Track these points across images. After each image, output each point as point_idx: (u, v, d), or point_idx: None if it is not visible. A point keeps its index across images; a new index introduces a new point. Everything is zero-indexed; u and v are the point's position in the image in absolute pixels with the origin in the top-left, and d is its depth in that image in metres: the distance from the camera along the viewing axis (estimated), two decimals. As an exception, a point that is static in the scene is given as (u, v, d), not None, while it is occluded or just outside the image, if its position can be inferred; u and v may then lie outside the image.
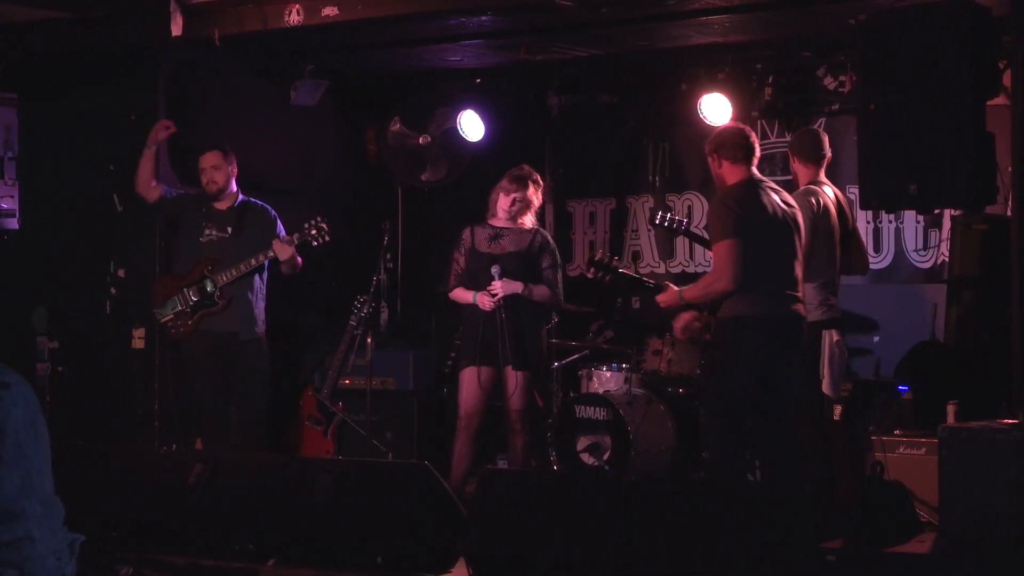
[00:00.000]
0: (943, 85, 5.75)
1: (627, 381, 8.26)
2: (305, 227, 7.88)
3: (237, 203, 8.03)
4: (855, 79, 7.47)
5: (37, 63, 8.74)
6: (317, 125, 9.39)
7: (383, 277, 8.66)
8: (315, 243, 7.89)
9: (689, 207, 9.34)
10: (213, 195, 7.98)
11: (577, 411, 8.06)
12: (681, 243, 9.31)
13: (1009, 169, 6.55)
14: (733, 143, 6.42)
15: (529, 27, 8.02)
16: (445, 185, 9.33)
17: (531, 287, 7.28)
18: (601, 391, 8.22)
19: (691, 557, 5.52)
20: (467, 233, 7.44)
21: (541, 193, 7.55)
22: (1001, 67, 6.54)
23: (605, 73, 9.35)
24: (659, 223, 7.25)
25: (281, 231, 7.98)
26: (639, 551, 5.62)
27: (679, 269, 9.33)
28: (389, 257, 9.17)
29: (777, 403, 6.43)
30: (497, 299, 7.18)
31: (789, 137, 8.42)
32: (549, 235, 7.73)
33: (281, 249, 7.82)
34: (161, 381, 8.55)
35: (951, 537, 5.30)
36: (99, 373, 8.78)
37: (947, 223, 8.24)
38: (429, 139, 9.16)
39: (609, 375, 8.38)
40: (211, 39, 7.78)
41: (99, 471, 6.82)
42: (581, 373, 8.57)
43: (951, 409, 6.61)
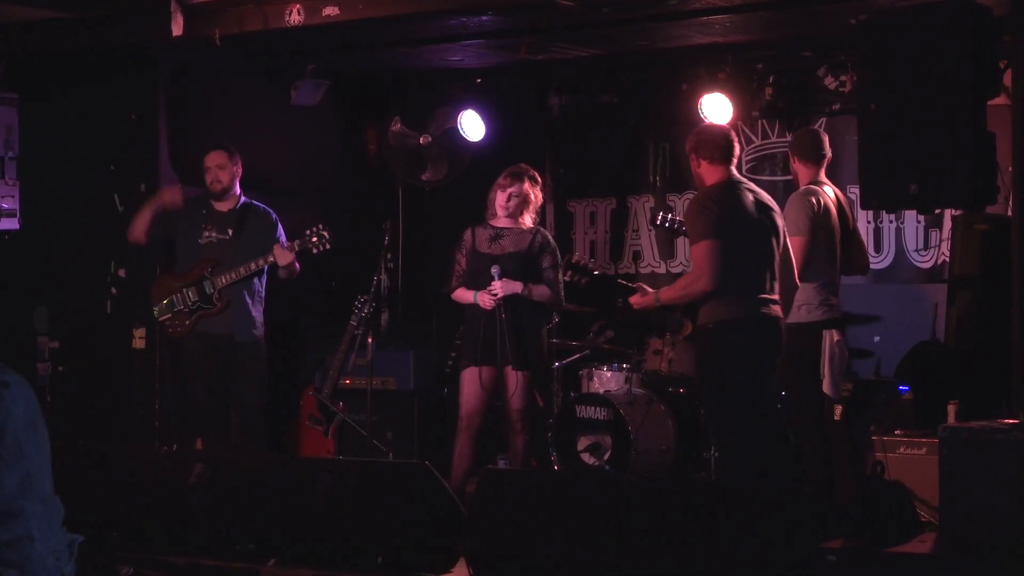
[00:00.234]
0: (944, 85, 5.74)
1: (628, 381, 8.27)
2: (306, 234, 7.86)
3: (239, 205, 8.02)
4: (856, 79, 7.47)
5: (38, 63, 8.74)
6: (318, 125, 9.39)
7: (384, 277, 8.67)
8: (315, 251, 7.88)
9: (690, 207, 9.33)
10: (216, 194, 7.97)
11: (578, 411, 8.06)
12: (682, 243, 9.29)
13: (1009, 169, 6.55)
14: (711, 143, 6.36)
15: (530, 27, 8.02)
16: (446, 185, 9.32)
17: (531, 287, 7.28)
18: (602, 391, 8.23)
19: (691, 557, 5.52)
20: (468, 234, 7.45)
21: (540, 190, 7.55)
22: (1002, 67, 6.54)
23: (606, 73, 9.35)
24: (660, 223, 7.25)
25: (282, 235, 7.97)
26: (640, 551, 5.62)
27: (680, 269, 9.32)
28: (390, 257, 9.17)
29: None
30: (497, 298, 7.18)
31: (790, 137, 8.42)
32: (550, 235, 7.74)
33: (281, 255, 7.80)
34: (161, 381, 8.56)
35: (952, 537, 5.30)
36: (100, 373, 8.78)
37: (948, 223, 8.24)
38: (430, 139, 9.16)
39: (610, 375, 8.39)
40: (212, 39, 7.78)
41: (99, 471, 6.82)
42: (582, 373, 8.57)
43: (952, 409, 6.60)
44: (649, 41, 8.33)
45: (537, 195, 7.50)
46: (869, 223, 8.60)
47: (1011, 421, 5.57)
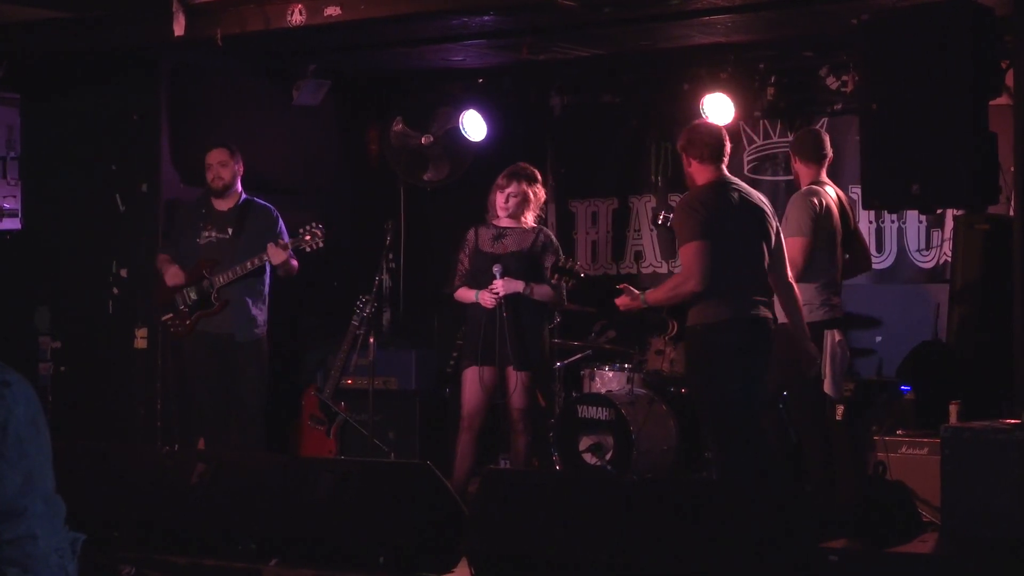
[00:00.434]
0: (945, 85, 5.74)
1: (629, 381, 8.26)
2: (300, 232, 7.85)
3: (239, 203, 8.01)
4: (857, 79, 7.46)
5: (39, 63, 8.75)
6: (319, 125, 9.39)
7: (385, 277, 8.68)
8: (308, 249, 7.86)
9: (691, 207, 9.32)
10: (217, 191, 7.97)
11: (579, 411, 8.06)
12: (683, 243, 9.29)
13: (1011, 169, 6.55)
14: (702, 142, 6.33)
15: (531, 27, 8.02)
16: (447, 185, 9.32)
17: (533, 286, 7.28)
18: (603, 391, 8.23)
19: (693, 557, 5.52)
20: (471, 234, 7.46)
21: (541, 188, 7.54)
22: (1003, 67, 6.53)
23: (607, 73, 9.35)
24: (662, 223, 7.24)
25: (283, 231, 7.96)
26: (641, 551, 5.62)
27: (681, 269, 9.32)
28: (391, 257, 9.17)
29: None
30: (499, 297, 7.18)
31: (791, 137, 8.41)
32: (552, 234, 7.73)
33: (274, 254, 7.78)
34: (163, 381, 8.56)
35: (953, 537, 5.30)
36: (101, 373, 8.78)
37: (949, 223, 8.24)
38: (431, 139, 9.16)
39: (611, 375, 8.38)
40: (213, 39, 7.78)
41: (101, 471, 6.82)
42: (583, 373, 8.57)
43: (953, 409, 6.61)
44: (651, 41, 8.33)
45: (538, 193, 7.49)
46: (871, 223, 8.59)
47: (1013, 421, 5.57)
